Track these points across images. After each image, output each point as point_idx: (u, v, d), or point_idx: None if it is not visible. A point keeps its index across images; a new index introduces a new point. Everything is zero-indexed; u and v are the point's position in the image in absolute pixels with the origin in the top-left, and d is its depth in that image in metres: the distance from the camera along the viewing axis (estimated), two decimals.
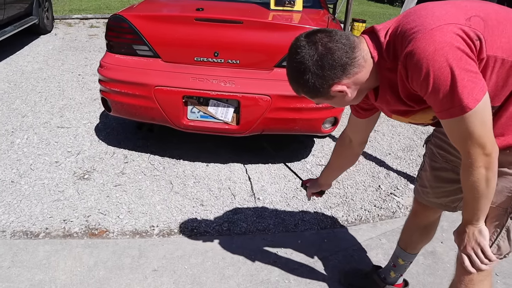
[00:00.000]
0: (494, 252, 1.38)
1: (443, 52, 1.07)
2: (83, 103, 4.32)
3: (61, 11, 9.19)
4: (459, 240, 1.35)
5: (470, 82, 1.08)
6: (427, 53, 1.08)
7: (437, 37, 1.08)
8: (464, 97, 1.08)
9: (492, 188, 1.20)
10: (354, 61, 1.20)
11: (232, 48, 2.85)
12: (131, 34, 2.92)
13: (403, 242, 1.99)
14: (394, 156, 3.56)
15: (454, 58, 1.07)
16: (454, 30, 1.09)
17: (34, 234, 2.41)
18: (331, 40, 1.18)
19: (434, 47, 1.08)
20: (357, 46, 1.21)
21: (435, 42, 1.08)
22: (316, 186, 1.97)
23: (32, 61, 5.72)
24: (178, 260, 2.27)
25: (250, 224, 2.60)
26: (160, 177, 3.05)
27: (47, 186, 2.87)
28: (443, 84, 1.09)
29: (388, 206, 2.85)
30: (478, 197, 1.22)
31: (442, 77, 1.08)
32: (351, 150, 1.75)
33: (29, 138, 3.52)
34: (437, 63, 1.07)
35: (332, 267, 2.29)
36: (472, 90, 1.08)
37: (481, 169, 1.16)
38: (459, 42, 1.09)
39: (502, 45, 1.15)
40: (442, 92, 1.10)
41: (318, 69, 1.18)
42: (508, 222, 1.35)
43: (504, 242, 1.38)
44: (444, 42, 1.08)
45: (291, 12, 3.17)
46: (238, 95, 2.80)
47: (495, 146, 1.15)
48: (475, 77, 1.09)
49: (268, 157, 3.38)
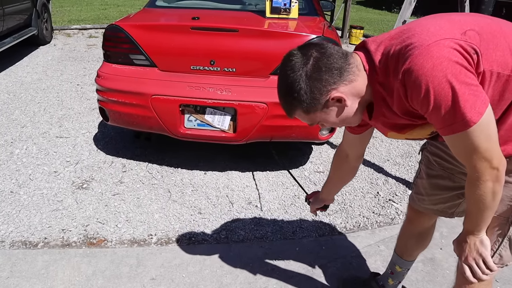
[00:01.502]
0: (496, 261, 1.37)
1: (442, 67, 1.04)
2: (81, 113, 4.34)
3: (60, 21, 9.26)
4: (459, 250, 1.32)
5: (471, 95, 1.05)
6: (425, 69, 1.05)
7: (434, 52, 1.06)
8: (466, 112, 1.05)
9: (498, 200, 1.18)
10: (349, 67, 1.16)
11: (228, 57, 2.87)
12: (128, 44, 2.94)
13: (399, 249, 1.98)
14: (393, 163, 3.56)
15: (453, 72, 1.05)
16: (451, 44, 1.07)
17: (33, 244, 2.41)
18: (324, 47, 1.16)
19: (432, 63, 1.05)
20: (350, 55, 1.19)
21: (432, 58, 1.05)
22: (319, 201, 1.93)
23: (31, 71, 5.75)
24: (176, 268, 2.27)
25: (248, 232, 2.60)
26: (158, 185, 3.06)
27: (46, 196, 2.87)
28: (444, 100, 1.06)
29: (387, 212, 2.85)
30: (483, 210, 1.19)
31: (442, 93, 1.05)
32: (349, 164, 1.72)
33: (28, 148, 3.53)
34: (436, 79, 1.05)
35: (330, 274, 2.28)
36: (474, 104, 1.05)
37: (488, 183, 1.13)
38: (457, 57, 1.06)
39: (497, 59, 1.13)
40: (444, 108, 1.07)
41: (314, 71, 1.13)
42: (510, 231, 1.34)
43: (506, 251, 1.37)
44: (442, 57, 1.05)
45: (287, 20, 3.19)
46: (234, 103, 2.81)
47: (502, 159, 1.13)
48: (476, 90, 1.07)
49: (266, 164, 3.39)
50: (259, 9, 3.43)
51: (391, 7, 15.69)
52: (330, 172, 1.82)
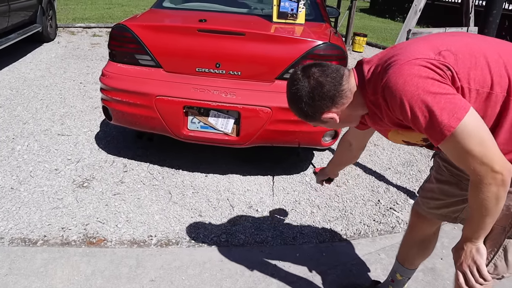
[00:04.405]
0: (491, 271, 1.38)
1: (412, 82, 1.15)
2: (84, 111, 4.34)
3: (65, 19, 9.27)
4: (456, 257, 1.34)
5: (448, 103, 1.13)
6: (398, 85, 1.17)
7: (405, 70, 1.18)
8: (444, 119, 1.12)
9: (501, 206, 1.19)
10: (342, 93, 1.33)
11: (233, 60, 2.87)
12: (134, 44, 2.94)
13: (401, 256, 1.99)
14: (394, 171, 3.56)
15: (424, 85, 1.14)
16: (421, 63, 1.18)
17: (32, 242, 2.40)
18: (322, 74, 1.33)
19: (403, 79, 1.17)
20: (346, 79, 1.34)
21: (403, 75, 1.17)
22: (324, 174, 2.11)
23: (35, 68, 5.75)
24: (175, 270, 2.26)
25: (248, 236, 2.59)
26: (159, 186, 3.05)
27: (46, 193, 2.86)
28: (419, 111, 1.15)
29: (388, 221, 2.84)
30: (485, 215, 1.20)
31: (416, 105, 1.15)
32: (351, 153, 1.87)
33: (29, 145, 3.52)
34: (408, 93, 1.15)
35: (330, 281, 2.27)
36: (452, 111, 1.12)
37: (492, 187, 1.14)
38: (426, 72, 1.16)
39: (475, 77, 1.19)
40: (422, 118, 1.16)
41: (310, 100, 1.34)
42: (506, 241, 1.35)
43: (501, 261, 1.37)
44: (411, 74, 1.16)
45: (294, 25, 3.19)
46: (238, 107, 2.81)
47: (506, 164, 1.14)
48: (453, 97, 1.14)
49: (267, 169, 3.38)
50: (266, 13, 3.43)
51: (395, 16, 15.73)
52: (334, 154, 2.01)
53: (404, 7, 14.32)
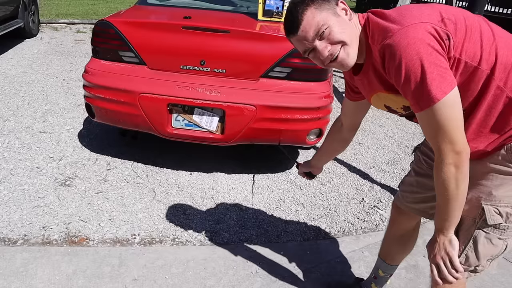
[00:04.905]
0: (462, 262, 1.42)
1: (415, 46, 1.16)
2: (67, 109, 4.28)
3: (48, 15, 9.13)
4: (430, 250, 1.39)
5: (438, 76, 1.16)
6: (400, 46, 1.18)
7: (411, 33, 1.18)
8: (432, 89, 1.16)
9: (462, 191, 1.24)
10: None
11: (218, 57, 2.85)
12: (117, 40, 2.91)
13: (382, 252, 2.02)
14: (378, 169, 3.58)
15: (424, 52, 1.16)
16: (426, 28, 1.19)
17: (12, 241, 2.36)
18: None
19: (407, 41, 1.17)
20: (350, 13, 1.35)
21: (408, 37, 1.18)
22: (307, 166, 2.05)
23: (16, 64, 5.65)
24: (159, 269, 2.24)
25: (233, 234, 2.58)
26: (143, 185, 3.02)
27: (27, 192, 2.81)
28: (413, 75, 1.17)
29: (371, 219, 2.86)
30: (448, 199, 1.25)
31: (413, 68, 1.17)
32: (341, 135, 1.83)
33: (10, 143, 3.46)
34: (409, 55, 1.17)
35: (314, 279, 2.28)
36: (440, 84, 1.16)
37: (450, 167, 1.21)
38: (430, 39, 1.18)
39: (467, 50, 1.23)
40: (413, 82, 1.18)
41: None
42: (476, 232, 1.38)
43: (472, 252, 1.40)
44: (416, 38, 1.17)
45: (279, 24, 3.18)
46: (223, 104, 2.80)
47: (466, 146, 1.20)
48: (445, 72, 1.17)
49: (252, 167, 3.38)
50: (252, 11, 3.42)
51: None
52: (324, 141, 1.95)
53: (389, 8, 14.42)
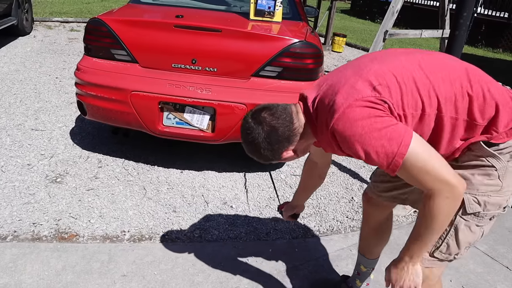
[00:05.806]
0: (444, 251, 1.45)
1: (357, 125, 1.22)
2: (59, 106, 4.28)
3: (42, 13, 9.10)
4: (395, 277, 1.40)
5: (394, 133, 1.20)
6: (345, 132, 1.23)
7: (349, 115, 1.23)
8: (394, 149, 1.19)
9: (446, 224, 1.27)
10: (295, 131, 1.39)
11: (210, 56, 2.87)
12: (110, 38, 2.92)
13: (361, 248, 2.06)
14: (368, 169, 3.61)
15: (369, 125, 1.21)
16: (361, 104, 1.24)
17: (2, 237, 2.36)
18: (273, 118, 1.37)
19: (349, 124, 1.23)
20: (295, 116, 1.39)
21: (348, 121, 1.23)
22: (290, 208, 2.05)
23: (9, 62, 5.64)
24: (147, 265, 2.26)
25: (222, 232, 2.60)
26: (133, 182, 3.03)
27: (17, 188, 2.82)
28: (371, 149, 1.21)
29: (360, 217, 2.88)
30: (433, 230, 1.27)
31: (366, 144, 1.21)
32: (318, 170, 1.87)
33: (1, 140, 3.46)
34: (357, 135, 1.22)
35: (302, 276, 2.30)
36: (398, 139, 1.20)
37: (448, 200, 1.21)
38: (367, 112, 1.23)
39: (408, 103, 1.28)
40: (375, 155, 1.22)
41: (268, 145, 1.37)
42: (457, 221, 1.40)
43: (452, 240, 1.43)
44: (355, 119, 1.22)
45: (270, 23, 3.21)
46: (214, 103, 2.82)
47: (459, 179, 1.22)
48: (396, 127, 1.22)
49: (243, 166, 3.40)
50: (244, 11, 3.45)
51: (375, 18, 15.89)
52: (301, 178, 1.98)
53: (384, 9, 14.43)
